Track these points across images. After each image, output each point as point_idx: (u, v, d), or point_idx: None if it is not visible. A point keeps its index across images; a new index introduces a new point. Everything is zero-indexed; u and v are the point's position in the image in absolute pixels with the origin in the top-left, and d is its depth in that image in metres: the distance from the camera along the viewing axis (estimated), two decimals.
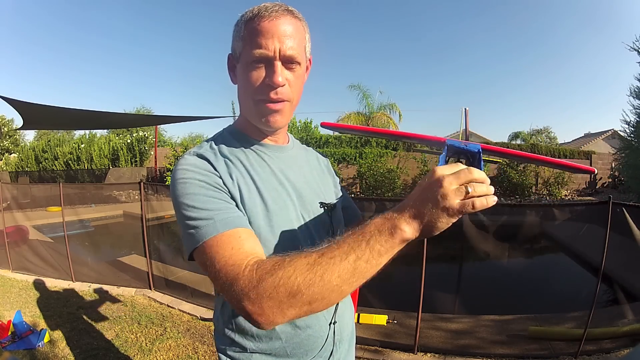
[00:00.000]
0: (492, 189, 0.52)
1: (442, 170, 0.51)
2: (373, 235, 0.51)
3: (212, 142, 0.74)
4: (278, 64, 0.64)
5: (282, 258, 0.53)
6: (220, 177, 0.65)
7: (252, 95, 0.67)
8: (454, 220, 0.50)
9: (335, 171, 0.97)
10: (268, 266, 0.52)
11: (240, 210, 0.65)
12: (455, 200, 0.49)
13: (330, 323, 0.76)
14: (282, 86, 0.65)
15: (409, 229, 0.50)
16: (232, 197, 0.65)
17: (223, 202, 0.62)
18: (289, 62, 0.66)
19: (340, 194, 0.89)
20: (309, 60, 0.75)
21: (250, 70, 0.65)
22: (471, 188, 0.50)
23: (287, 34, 0.64)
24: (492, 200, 0.50)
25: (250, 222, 0.65)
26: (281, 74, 0.65)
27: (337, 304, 0.77)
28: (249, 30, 0.65)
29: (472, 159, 0.67)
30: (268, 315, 0.51)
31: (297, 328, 0.72)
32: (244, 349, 0.73)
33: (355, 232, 0.52)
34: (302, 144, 0.92)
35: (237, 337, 0.73)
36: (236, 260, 0.55)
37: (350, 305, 0.89)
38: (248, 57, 0.65)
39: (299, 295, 0.50)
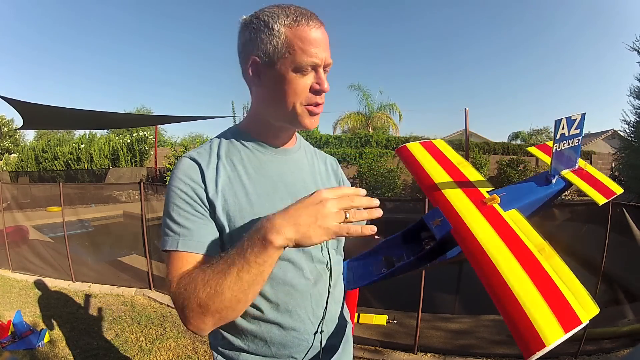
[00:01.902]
0: (375, 214, 0.57)
1: (327, 193, 0.56)
2: (247, 248, 0.55)
3: (212, 143, 0.76)
4: (322, 71, 0.68)
5: (190, 274, 0.61)
6: (205, 189, 0.68)
7: (297, 99, 0.68)
8: (328, 239, 0.55)
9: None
10: (183, 283, 0.61)
11: (217, 220, 0.68)
12: (333, 222, 0.54)
13: (316, 332, 0.75)
14: (327, 92, 0.70)
15: (279, 239, 0.54)
16: (212, 208, 0.68)
17: (195, 221, 0.67)
18: (326, 68, 0.70)
19: None
20: None
21: (298, 75, 0.67)
22: (350, 214, 0.56)
23: (328, 43, 0.69)
24: (368, 230, 0.55)
25: (234, 226, 0.68)
26: (326, 80, 0.69)
27: (325, 313, 0.76)
28: (295, 36, 0.65)
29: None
30: (192, 323, 0.60)
31: (281, 329, 0.72)
32: (232, 347, 0.75)
33: (237, 246, 0.57)
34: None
35: (227, 335, 0.75)
36: (174, 276, 0.63)
37: (345, 311, 0.88)
38: (295, 62, 0.65)
39: (207, 307, 0.57)
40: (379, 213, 0.58)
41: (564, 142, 0.73)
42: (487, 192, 0.72)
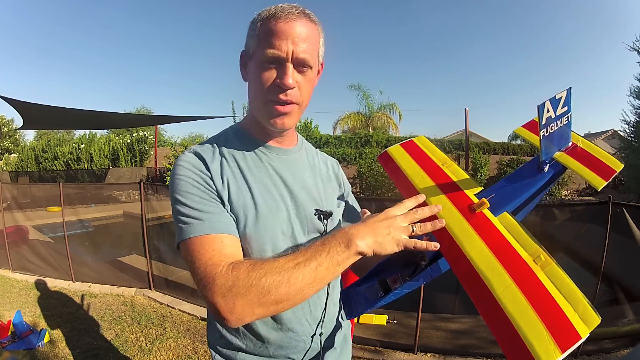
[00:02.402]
0: (437, 225, 0.65)
1: (396, 210, 0.65)
2: (333, 246, 0.59)
3: (214, 140, 0.75)
4: (290, 65, 0.64)
5: (255, 261, 0.59)
6: (212, 179, 0.67)
7: (262, 94, 0.67)
8: (398, 250, 0.62)
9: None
10: (243, 267, 0.57)
11: (228, 213, 0.67)
12: (403, 235, 0.62)
13: (314, 334, 0.75)
14: (292, 88, 0.65)
15: (363, 244, 0.59)
16: (221, 199, 0.67)
17: (214, 206, 0.65)
18: (300, 65, 0.66)
19: (344, 203, 0.87)
20: (321, 64, 0.74)
21: (262, 69, 0.65)
22: (416, 228, 0.63)
23: (302, 37, 0.64)
24: (432, 246, 0.63)
25: (237, 223, 0.67)
26: (292, 76, 0.64)
27: (324, 316, 0.76)
28: (264, 30, 0.64)
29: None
30: (239, 313, 0.55)
31: (280, 330, 0.72)
32: (230, 346, 0.75)
33: (319, 242, 0.60)
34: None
35: (225, 334, 0.75)
36: (215, 261, 0.58)
37: (344, 312, 0.88)
38: (261, 56, 0.65)
39: (268, 296, 0.55)
40: (441, 224, 0.65)
41: (552, 124, 0.67)
42: (475, 194, 0.68)
